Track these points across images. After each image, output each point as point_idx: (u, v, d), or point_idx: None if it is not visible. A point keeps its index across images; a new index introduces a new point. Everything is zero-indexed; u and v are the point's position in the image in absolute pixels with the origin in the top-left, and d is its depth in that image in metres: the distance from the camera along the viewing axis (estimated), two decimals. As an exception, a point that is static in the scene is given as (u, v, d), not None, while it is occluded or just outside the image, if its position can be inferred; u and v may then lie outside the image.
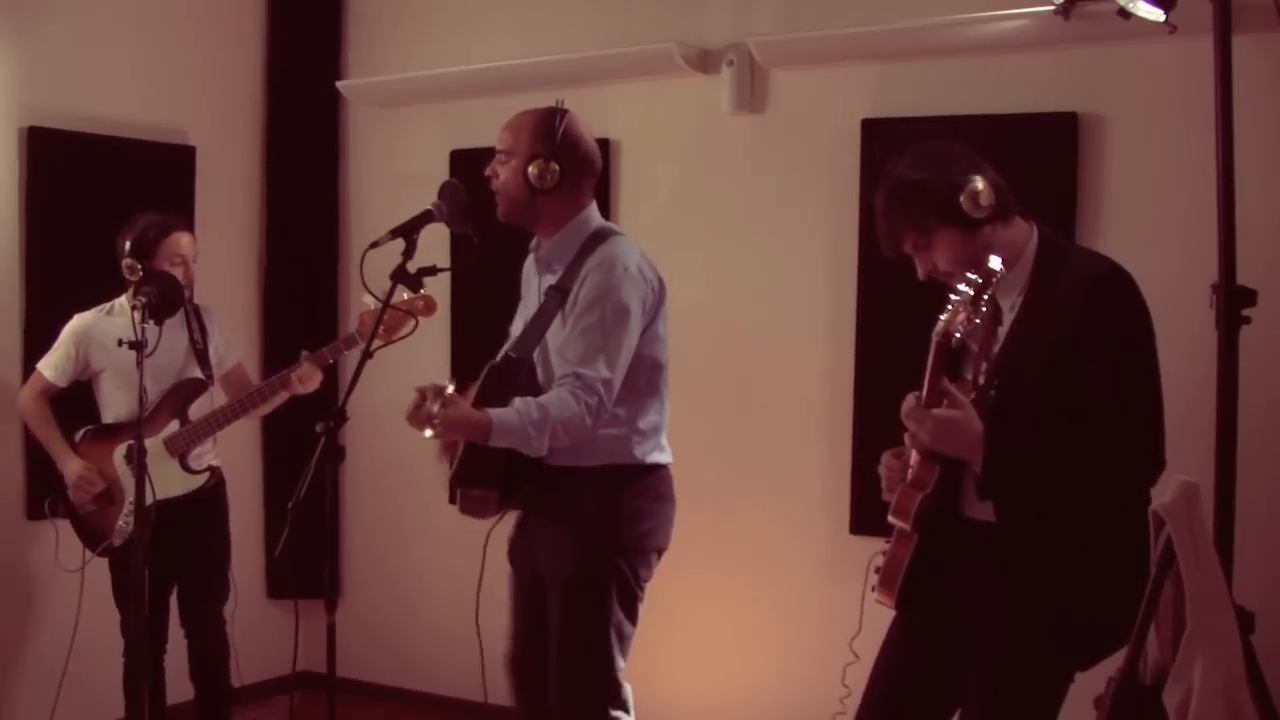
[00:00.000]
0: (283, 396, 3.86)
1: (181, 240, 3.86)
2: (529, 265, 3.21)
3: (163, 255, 3.81)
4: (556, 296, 2.97)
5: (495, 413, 2.81)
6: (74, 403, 3.94)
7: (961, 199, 2.42)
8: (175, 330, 3.87)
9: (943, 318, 2.34)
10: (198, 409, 3.88)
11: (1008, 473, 2.36)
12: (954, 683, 2.50)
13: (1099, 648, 2.46)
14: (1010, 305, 2.50)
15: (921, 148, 2.53)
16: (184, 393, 3.85)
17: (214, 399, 3.99)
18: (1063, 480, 2.38)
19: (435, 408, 2.68)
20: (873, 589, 2.54)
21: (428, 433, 2.73)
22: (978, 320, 2.33)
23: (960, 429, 2.36)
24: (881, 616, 2.66)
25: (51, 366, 3.87)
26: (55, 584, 4.16)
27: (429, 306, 3.51)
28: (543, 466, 2.95)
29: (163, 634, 3.94)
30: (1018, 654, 2.40)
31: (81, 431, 3.88)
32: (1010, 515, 2.41)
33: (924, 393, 2.39)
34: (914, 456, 2.48)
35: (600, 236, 3.03)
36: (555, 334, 2.99)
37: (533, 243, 3.15)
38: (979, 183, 2.44)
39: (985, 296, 2.32)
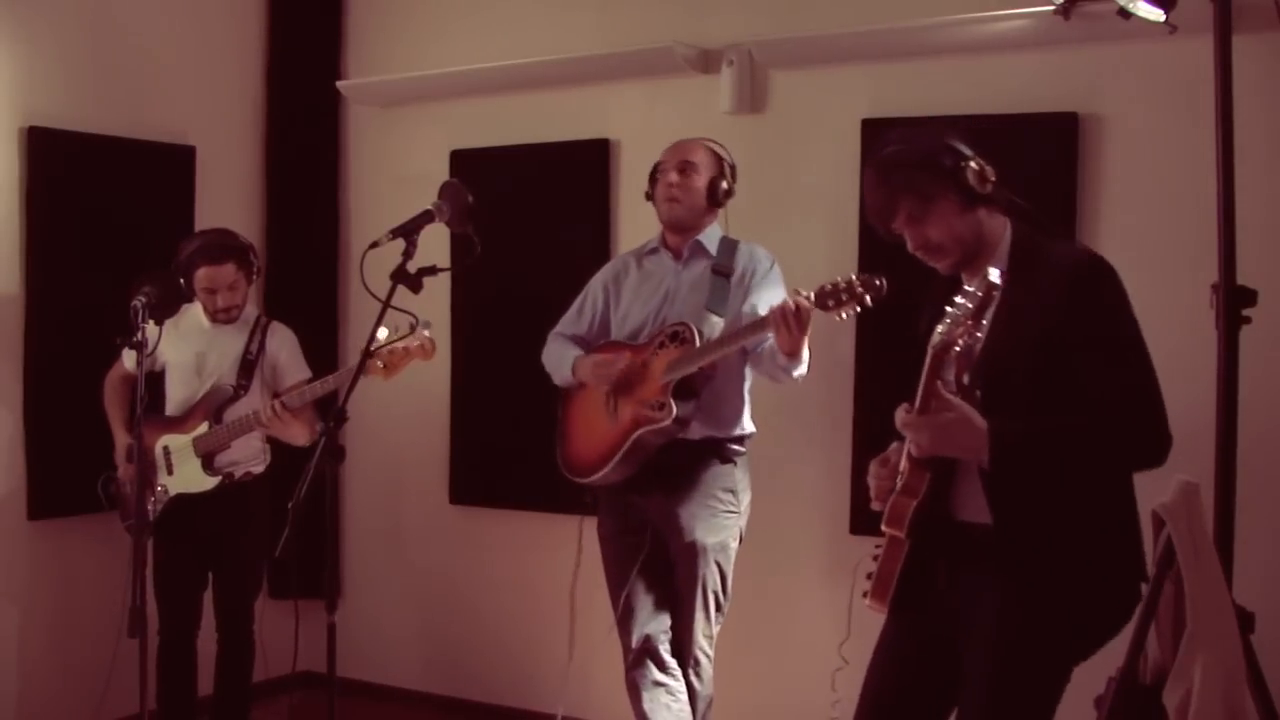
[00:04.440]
0: (294, 427, 3.84)
1: (206, 275, 3.89)
2: (626, 261, 3.75)
3: (195, 286, 3.92)
4: (721, 275, 3.56)
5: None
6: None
7: (968, 171, 2.44)
8: (235, 338, 4.02)
9: (940, 329, 2.32)
10: (232, 415, 3.95)
11: (1017, 464, 2.33)
12: (949, 686, 2.48)
13: (1097, 639, 2.44)
14: None
15: (915, 129, 2.53)
16: (215, 398, 3.98)
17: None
18: (1070, 469, 2.36)
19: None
20: (864, 595, 2.52)
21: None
22: (979, 335, 2.31)
23: (958, 430, 2.34)
24: (871, 621, 2.63)
25: (128, 353, 3.99)
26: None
27: (425, 351, 3.60)
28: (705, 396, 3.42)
29: (194, 622, 4.04)
30: (1018, 653, 2.38)
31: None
32: (1010, 513, 2.39)
33: (918, 400, 2.37)
34: (903, 464, 2.47)
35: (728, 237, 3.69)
36: (732, 299, 3.53)
37: (653, 244, 3.69)
38: (982, 162, 2.46)
39: (988, 311, 2.29)
